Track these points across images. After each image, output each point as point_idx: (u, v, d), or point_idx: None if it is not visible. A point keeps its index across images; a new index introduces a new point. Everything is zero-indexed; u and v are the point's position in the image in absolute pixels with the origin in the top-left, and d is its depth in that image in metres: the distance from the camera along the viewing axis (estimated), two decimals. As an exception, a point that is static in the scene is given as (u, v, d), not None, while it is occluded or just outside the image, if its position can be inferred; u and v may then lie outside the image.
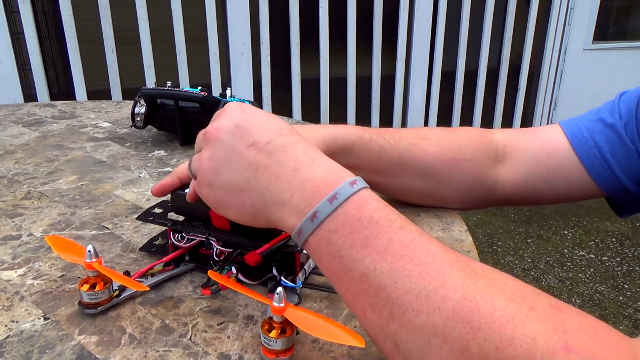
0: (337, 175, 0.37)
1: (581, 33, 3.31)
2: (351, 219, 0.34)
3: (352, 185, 0.35)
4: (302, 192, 0.36)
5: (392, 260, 0.32)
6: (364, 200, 0.35)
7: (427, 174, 0.59)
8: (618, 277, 2.11)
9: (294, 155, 0.38)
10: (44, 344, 0.40)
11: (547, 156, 0.59)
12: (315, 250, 0.35)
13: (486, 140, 0.61)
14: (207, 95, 0.81)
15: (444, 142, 0.59)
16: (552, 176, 0.59)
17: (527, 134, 0.62)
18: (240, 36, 2.51)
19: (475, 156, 0.60)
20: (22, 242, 0.54)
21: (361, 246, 0.33)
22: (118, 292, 0.44)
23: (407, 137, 0.58)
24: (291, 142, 0.39)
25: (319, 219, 0.35)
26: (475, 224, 2.52)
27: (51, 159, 0.79)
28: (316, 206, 0.35)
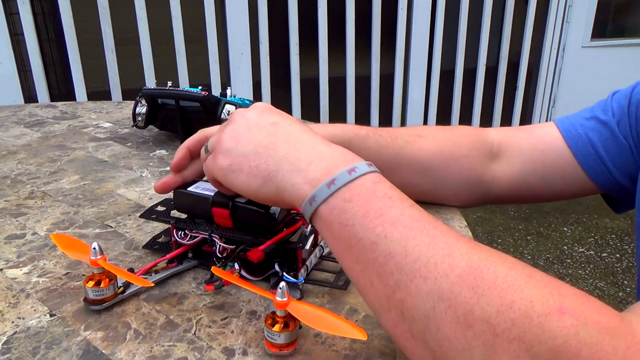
0: (354, 157, 0.39)
1: (579, 30, 3.32)
2: (367, 191, 0.36)
3: (369, 166, 0.37)
4: (320, 162, 0.38)
5: (403, 230, 0.33)
6: (379, 178, 0.37)
7: (425, 170, 0.60)
8: (618, 273, 2.11)
9: (313, 137, 0.41)
10: (50, 339, 0.40)
11: (542, 153, 0.60)
12: (327, 219, 0.36)
13: (481, 138, 0.62)
14: (208, 95, 0.81)
15: (439, 140, 0.61)
16: (547, 172, 0.60)
17: (521, 132, 0.63)
18: (240, 36, 2.52)
19: (471, 153, 0.61)
20: (26, 241, 0.55)
21: (374, 216, 0.34)
22: (123, 288, 0.45)
23: (403, 135, 0.60)
24: (309, 130, 0.42)
25: (336, 186, 0.36)
26: (475, 221, 2.53)
27: (53, 159, 0.80)
28: (335, 174, 0.36)
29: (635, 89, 0.57)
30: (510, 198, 0.64)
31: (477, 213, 2.60)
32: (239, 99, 0.87)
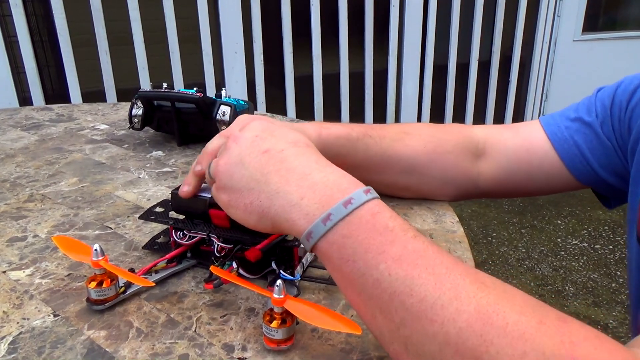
0: (350, 182, 0.37)
1: (570, 24, 3.34)
2: (366, 225, 0.34)
3: (366, 193, 0.36)
4: (314, 194, 0.37)
5: (408, 268, 0.32)
6: (378, 208, 0.36)
7: (410, 168, 0.61)
8: (610, 264, 2.14)
9: (306, 162, 0.39)
10: (55, 339, 0.42)
11: (527, 153, 0.61)
12: (326, 254, 0.36)
13: (466, 135, 0.63)
14: (203, 96, 0.82)
15: (425, 136, 0.61)
16: (533, 171, 0.61)
17: (507, 130, 0.64)
18: (233, 35, 2.52)
19: (455, 149, 0.62)
20: (28, 243, 0.56)
21: (376, 252, 0.33)
22: (124, 288, 0.46)
23: (391, 133, 0.60)
24: (305, 152, 0.41)
25: (332, 221, 0.35)
26: (470, 215, 2.55)
27: (51, 161, 0.81)
28: (330, 209, 0.35)
29: (618, 89, 0.58)
30: (497, 193, 0.66)
31: (472, 207, 2.63)
32: (234, 100, 0.88)
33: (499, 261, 2.17)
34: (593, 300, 1.91)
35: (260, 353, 0.40)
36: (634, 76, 0.58)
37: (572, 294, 1.95)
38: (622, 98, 0.57)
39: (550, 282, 2.02)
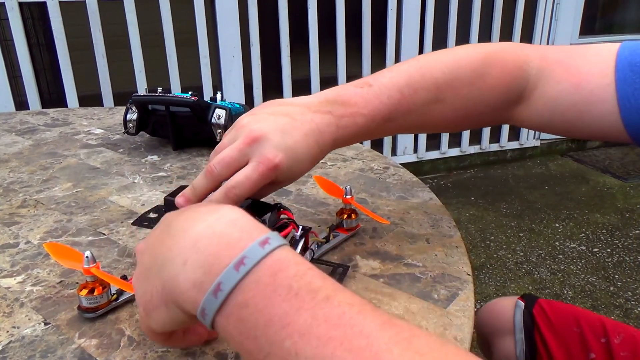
0: (243, 231, 0.30)
1: (568, 27, 3.35)
2: (265, 290, 0.28)
3: (262, 246, 0.29)
4: (197, 255, 0.30)
5: (318, 344, 0.26)
6: (280, 265, 0.29)
7: (433, 130, 0.58)
8: (609, 267, 2.14)
9: (189, 216, 0.33)
10: (45, 348, 0.41)
11: (579, 115, 0.53)
12: (225, 330, 0.29)
13: (515, 77, 0.54)
14: (198, 100, 0.82)
15: (459, 104, 0.54)
16: (578, 126, 0.54)
17: (567, 77, 0.53)
18: (230, 39, 2.52)
19: (493, 110, 0.55)
20: (20, 250, 0.55)
21: (279, 325, 0.27)
22: (116, 296, 0.45)
23: (419, 108, 0.52)
24: (191, 208, 0.35)
25: (223, 292, 0.28)
26: (468, 219, 2.54)
27: (45, 166, 0.80)
28: (219, 276, 0.28)
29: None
30: (527, 127, 0.60)
31: (470, 211, 2.62)
32: (229, 103, 0.88)
33: (497, 265, 2.16)
34: (591, 303, 1.90)
35: (254, 362, 0.39)
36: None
37: (570, 297, 1.95)
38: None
39: (548, 286, 2.02)
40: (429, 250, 0.55)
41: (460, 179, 3.07)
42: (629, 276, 2.07)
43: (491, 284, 2.04)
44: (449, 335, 0.42)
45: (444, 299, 0.47)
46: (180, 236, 0.31)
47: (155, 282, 0.32)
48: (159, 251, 0.33)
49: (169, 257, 0.31)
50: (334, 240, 0.55)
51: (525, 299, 0.80)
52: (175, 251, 0.31)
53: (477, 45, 0.57)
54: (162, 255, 0.32)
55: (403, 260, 0.53)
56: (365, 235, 0.58)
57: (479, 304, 1.91)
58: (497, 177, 3.09)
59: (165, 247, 0.32)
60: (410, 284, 0.49)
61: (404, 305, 0.46)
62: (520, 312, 0.78)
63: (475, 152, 3.20)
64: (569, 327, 0.75)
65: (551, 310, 0.77)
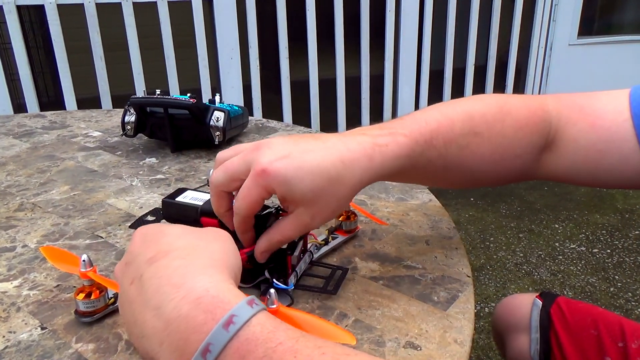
0: (206, 312, 0.29)
1: (566, 28, 3.35)
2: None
3: (227, 328, 0.28)
4: (170, 339, 0.29)
5: None
6: (247, 346, 0.28)
7: (473, 175, 0.53)
8: (609, 268, 2.13)
9: (158, 288, 0.31)
10: (41, 353, 0.40)
11: (599, 153, 0.51)
12: None
13: (540, 124, 0.53)
14: (196, 102, 0.82)
15: (495, 140, 0.51)
16: (601, 171, 0.52)
17: (583, 119, 0.52)
18: (229, 41, 2.52)
19: (524, 152, 0.53)
20: (16, 254, 0.55)
21: None
22: (114, 299, 0.45)
23: (458, 138, 0.49)
24: (160, 268, 0.33)
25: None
26: (468, 220, 2.54)
27: (43, 169, 0.80)
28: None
29: None
30: (556, 180, 0.57)
31: (469, 212, 2.62)
32: (227, 105, 0.88)
33: (497, 266, 2.16)
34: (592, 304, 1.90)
35: (253, 365, 0.39)
36: None
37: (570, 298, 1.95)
38: None
39: (548, 287, 2.01)
40: (428, 252, 0.55)
41: (460, 180, 3.06)
42: (629, 277, 2.07)
43: (491, 285, 2.04)
44: (449, 337, 0.42)
45: (444, 301, 0.47)
46: (153, 316, 0.30)
47: (137, 339, 0.32)
48: (137, 312, 0.32)
49: (147, 333, 0.30)
50: (332, 242, 0.55)
51: (544, 298, 0.79)
52: (150, 329, 0.30)
53: (494, 94, 0.56)
54: (140, 322, 0.31)
55: (402, 262, 0.53)
56: (364, 237, 0.58)
57: (479, 305, 1.91)
58: (496, 178, 3.08)
59: (140, 318, 0.31)
60: (409, 286, 0.49)
61: (403, 307, 0.46)
62: (537, 312, 0.78)
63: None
64: (586, 328, 0.74)
65: (569, 310, 0.76)
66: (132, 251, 0.36)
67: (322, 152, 0.42)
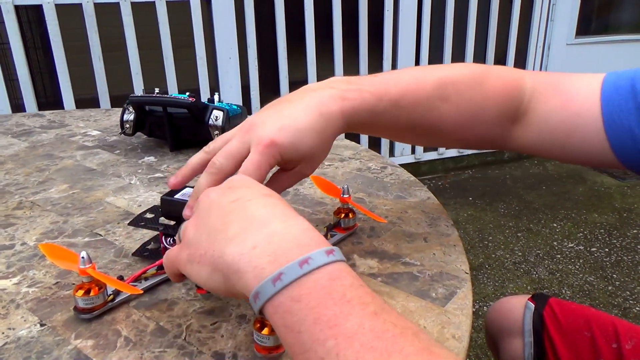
0: (312, 239, 0.33)
1: (564, 28, 3.36)
2: (321, 291, 0.29)
3: (328, 254, 0.31)
4: (268, 245, 0.32)
5: (360, 349, 0.27)
6: (339, 274, 0.31)
7: (439, 136, 0.57)
8: (607, 267, 2.14)
9: (271, 211, 0.35)
10: (41, 349, 0.41)
11: (567, 134, 0.54)
12: (271, 319, 0.31)
13: (512, 95, 0.55)
14: (195, 101, 0.82)
15: (463, 105, 0.54)
16: (568, 148, 0.55)
17: (556, 98, 0.54)
18: (227, 40, 2.52)
19: (492, 120, 0.55)
20: (15, 252, 0.55)
21: (326, 325, 0.28)
22: (112, 296, 0.45)
23: (425, 101, 0.52)
24: (273, 203, 0.36)
25: (282, 282, 0.30)
26: (466, 219, 2.54)
27: (41, 168, 0.80)
28: (282, 267, 0.30)
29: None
30: (519, 152, 0.61)
31: (468, 211, 2.62)
32: (227, 104, 0.88)
33: (496, 265, 2.16)
34: (590, 303, 1.90)
35: (251, 361, 0.39)
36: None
37: (568, 297, 1.95)
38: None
39: (546, 286, 2.02)
40: (426, 249, 0.55)
41: (458, 179, 3.07)
42: (627, 275, 2.07)
43: (489, 284, 2.04)
44: (447, 333, 0.42)
45: (442, 297, 0.47)
46: (257, 226, 0.34)
47: (215, 246, 0.34)
48: (230, 222, 0.35)
49: (240, 236, 0.33)
50: (331, 239, 0.55)
51: (536, 300, 0.78)
52: (248, 234, 0.33)
53: (477, 64, 0.58)
54: (233, 229, 0.34)
55: (401, 259, 0.53)
56: (363, 235, 0.58)
57: (478, 304, 1.91)
58: (494, 177, 3.09)
59: (239, 225, 0.34)
60: (408, 283, 0.49)
61: (402, 303, 0.46)
62: (530, 315, 0.77)
63: (473, 153, 3.20)
64: (579, 330, 0.73)
65: (562, 312, 0.76)
66: (239, 182, 0.39)
67: (305, 111, 0.46)
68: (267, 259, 0.31)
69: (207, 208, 0.38)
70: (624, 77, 0.52)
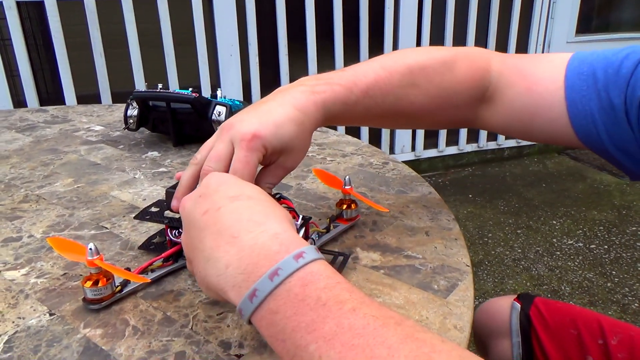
0: (281, 245, 0.33)
1: (564, 26, 3.36)
2: (294, 299, 0.30)
3: (297, 259, 0.32)
4: (239, 262, 0.33)
5: (342, 349, 0.28)
6: (311, 277, 0.31)
7: (412, 121, 0.60)
8: (606, 264, 2.15)
9: (237, 220, 0.35)
10: (51, 337, 0.41)
11: (531, 116, 0.56)
12: (259, 329, 0.32)
13: (480, 78, 0.58)
14: (199, 97, 0.82)
15: (433, 91, 0.56)
16: (533, 130, 0.58)
17: (521, 82, 0.57)
18: (228, 38, 2.52)
19: (463, 103, 0.58)
20: (23, 244, 0.56)
21: (305, 331, 0.29)
22: (120, 287, 0.46)
23: (396, 89, 0.54)
24: (241, 207, 0.37)
25: (258, 298, 0.31)
26: (466, 217, 2.55)
27: (46, 162, 0.81)
28: (255, 283, 0.32)
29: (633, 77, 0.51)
30: (493, 130, 0.63)
31: (468, 209, 2.63)
32: (229, 100, 0.88)
33: (495, 261, 2.17)
34: (589, 299, 1.91)
35: (257, 350, 0.40)
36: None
37: (568, 293, 1.96)
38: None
39: (546, 282, 2.03)
40: (428, 243, 0.56)
41: (458, 177, 3.08)
42: (626, 272, 2.08)
43: (489, 280, 2.05)
44: (449, 324, 0.43)
45: (444, 289, 0.48)
46: (228, 241, 0.35)
47: (200, 266, 0.36)
48: (204, 238, 0.36)
49: (214, 256, 0.35)
50: (334, 230, 0.56)
51: (522, 300, 0.79)
52: (219, 253, 0.34)
53: (446, 47, 0.61)
54: (207, 245, 0.35)
55: (403, 252, 0.54)
56: (365, 228, 0.59)
57: (477, 300, 1.92)
58: (494, 175, 3.10)
59: (211, 241, 0.35)
60: (410, 275, 0.50)
61: (404, 295, 0.47)
62: (516, 315, 0.77)
63: (473, 150, 3.21)
64: (566, 328, 0.74)
65: (548, 311, 0.76)
66: (209, 187, 0.39)
67: (281, 107, 0.48)
68: (241, 277, 0.33)
69: (186, 222, 0.39)
70: (587, 62, 0.54)
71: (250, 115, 0.47)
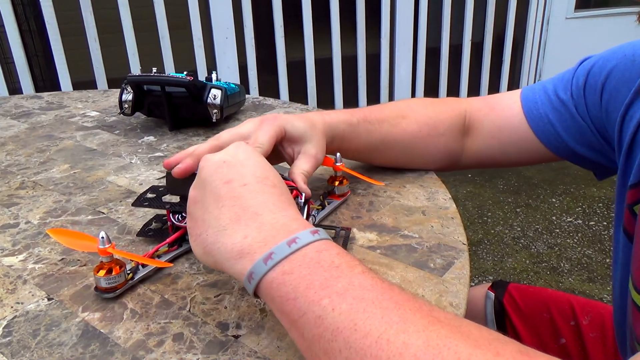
0: (299, 225, 0.36)
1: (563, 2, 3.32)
2: (310, 262, 0.33)
3: (313, 234, 0.35)
4: (258, 234, 0.35)
5: (353, 301, 0.30)
6: (325, 246, 0.34)
7: (407, 150, 0.65)
8: (605, 240, 2.16)
9: (262, 202, 0.37)
10: (49, 322, 0.42)
11: (498, 130, 0.64)
12: (267, 295, 0.34)
13: (458, 112, 0.66)
14: (193, 80, 0.82)
15: (421, 119, 0.64)
16: (504, 146, 0.65)
17: (486, 105, 0.66)
18: (223, 20, 2.50)
19: (447, 131, 0.65)
20: (20, 230, 0.56)
21: (319, 287, 0.31)
22: (132, 275, 0.46)
23: (389, 119, 0.63)
24: (266, 190, 0.39)
25: (273, 260, 0.33)
26: (465, 196, 2.56)
27: (42, 149, 0.80)
28: (273, 247, 0.34)
29: (592, 70, 0.58)
30: (475, 166, 0.69)
31: (467, 188, 2.63)
32: (225, 83, 0.88)
33: (495, 240, 2.18)
34: (588, 275, 1.93)
35: (255, 330, 0.40)
36: (606, 57, 0.58)
37: (567, 270, 1.97)
38: (596, 79, 0.57)
39: (545, 260, 2.04)
40: (425, 222, 0.56)
41: (457, 156, 3.07)
42: (625, 249, 2.09)
43: (489, 259, 2.06)
44: (445, 301, 0.43)
45: (440, 267, 0.48)
46: (248, 217, 0.37)
47: (210, 232, 0.37)
48: (223, 208, 0.38)
49: (232, 227, 0.36)
50: (328, 207, 0.57)
51: (495, 288, 0.80)
52: (239, 226, 0.36)
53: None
54: (225, 217, 0.37)
55: (399, 232, 0.54)
56: (362, 209, 0.59)
57: (477, 279, 1.93)
58: (493, 154, 3.09)
59: (232, 214, 0.37)
60: (406, 254, 0.50)
61: (400, 274, 0.47)
62: (490, 304, 0.79)
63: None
64: (539, 313, 0.76)
65: (521, 297, 0.78)
66: (236, 156, 0.41)
67: (296, 115, 0.57)
68: (258, 244, 0.35)
69: (203, 181, 0.40)
70: (538, 84, 0.65)
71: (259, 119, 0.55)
